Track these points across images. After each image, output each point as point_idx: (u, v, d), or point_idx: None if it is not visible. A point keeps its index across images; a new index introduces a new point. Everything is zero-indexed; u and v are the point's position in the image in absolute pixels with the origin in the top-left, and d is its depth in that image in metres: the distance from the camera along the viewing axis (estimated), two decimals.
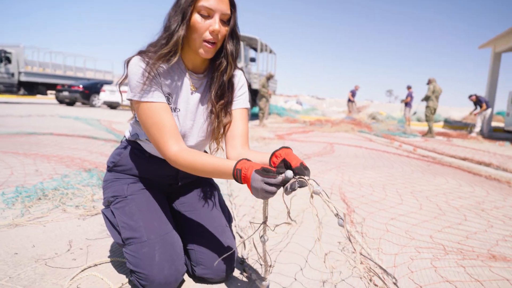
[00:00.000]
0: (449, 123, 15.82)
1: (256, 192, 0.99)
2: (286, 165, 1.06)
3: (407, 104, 12.95)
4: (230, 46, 1.29)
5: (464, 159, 5.71)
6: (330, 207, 0.99)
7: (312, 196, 1.00)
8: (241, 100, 1.44)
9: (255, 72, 12.87)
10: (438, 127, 15.02)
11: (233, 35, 1.29)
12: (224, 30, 1.25)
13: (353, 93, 16.18)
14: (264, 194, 0.98)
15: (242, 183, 1.05)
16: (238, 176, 1.05)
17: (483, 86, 15.14)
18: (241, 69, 1.46)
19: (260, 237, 1.22)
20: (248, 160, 1.08)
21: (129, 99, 1.27)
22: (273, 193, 0.98)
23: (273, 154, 1.12)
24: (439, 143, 8.33)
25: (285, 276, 1.50)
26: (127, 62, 1.25)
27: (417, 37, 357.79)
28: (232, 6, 1.25)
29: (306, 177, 0.99)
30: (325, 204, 0.99)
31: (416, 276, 1.56)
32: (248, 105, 1.47)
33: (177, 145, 1.23)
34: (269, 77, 10.84)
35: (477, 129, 11.24)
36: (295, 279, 1.48)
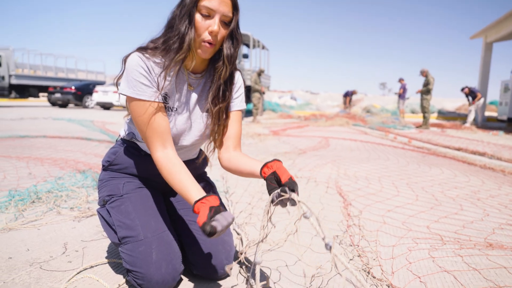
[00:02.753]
0: (443, 114, 15.91)
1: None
2: (276, 177, 1.12)
3: (401, 96, 13.00)
4: (226, 48, 1.27)
5: (459, 149, 5.74)
6: (318, 231, 0.99)
7: (300, 219, 1.01)
8: (237, 101, 1.44)
9: (248, 68, 12.84)
10: (432, 118, 15.09)
11: (232, 37, 1.27)
12: (224, 32, 1.23)
13: (347, 94, 16.27)
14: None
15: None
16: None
17: (476, 76, 15.23)
18: (239, 70, 1.46)
19: (254, 259, 1.16)
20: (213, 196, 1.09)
21: (123, 94, 1.25)
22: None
23: (264, 165, 1.17)
24: (434, 134, 8.37)
25: (278, 269, 1.50)
26: (125, 58, 1.24)
27: (409, 29, 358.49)
28: (235, 8, 1.23)
29: (296, 197, 1.03)
30: (321, 197, 1.00)
31: (414, 267, 1.56)
32: (244, 106, 1.47)
33: (162, 150, 1.24)
34: (260, 73, 10.83)
35: (471, 118, 11.31)
36: (281, 273, 1.47)
